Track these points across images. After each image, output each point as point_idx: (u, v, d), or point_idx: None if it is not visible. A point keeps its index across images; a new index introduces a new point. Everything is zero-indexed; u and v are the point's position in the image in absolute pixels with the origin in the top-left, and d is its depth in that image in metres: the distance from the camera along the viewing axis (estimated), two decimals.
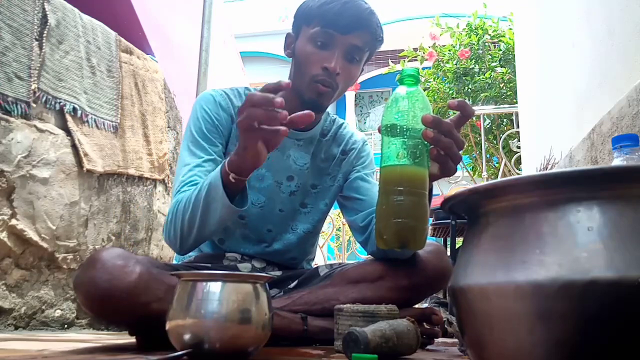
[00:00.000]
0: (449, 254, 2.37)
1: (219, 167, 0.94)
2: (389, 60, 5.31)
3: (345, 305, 0.90)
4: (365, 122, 12.41)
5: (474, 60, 4.51)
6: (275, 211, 1.20)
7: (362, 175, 1.26)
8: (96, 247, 2.11)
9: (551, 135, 2.22)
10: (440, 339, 1.26)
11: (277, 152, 1.17)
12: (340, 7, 1.04)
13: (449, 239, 2.63)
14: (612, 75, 1.49)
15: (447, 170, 0.79)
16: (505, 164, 3.44)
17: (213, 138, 1.12)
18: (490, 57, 4.51)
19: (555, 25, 2.18)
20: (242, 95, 1.20)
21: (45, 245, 1.85)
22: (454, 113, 0.81)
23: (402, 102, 0.75)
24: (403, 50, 4.90)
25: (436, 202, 2.59)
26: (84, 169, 2.04)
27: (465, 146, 0.82)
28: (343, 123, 1.30)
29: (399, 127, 0.74)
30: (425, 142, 0.75)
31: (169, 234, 1.05)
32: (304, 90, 1.08)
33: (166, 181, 2.70)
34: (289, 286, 1.18)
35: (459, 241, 2.42)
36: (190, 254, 1.24)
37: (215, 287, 0.68)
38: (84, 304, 0.92)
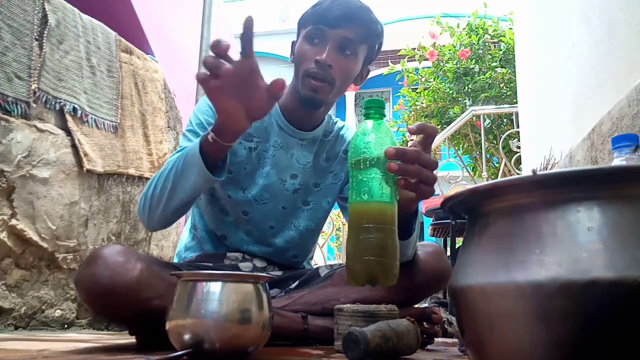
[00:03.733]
0: (448, 254, 2.38)
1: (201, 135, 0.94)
2: (389, 61, 5.31)
3: (345, 305, 0.90)
4: None
5: (474, 60, 4.52)
6: (278, 208, 1.21)
7: None
8: (96, 247, 2.11)
9: (551, 135, 2.22)
10: (440, 339, 1.26)
11: (282, 151, 1.19)
12: (329, 4, 1.07)
13: (449, 239, 2.64)
14: (612, 75, 1.49)
15: (422, 194, 0.77)
16: (505, 164, 3.44)
17: None
18: (490, 57, 4.51)
19: (555, 25, 2.18)
20: None
21: (45, 245, 1.85)
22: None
23: (367, 137, 0.73)
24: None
25: (436, 202, 2.60)
26: (84, 169, 2.04)
27: (437, 163, 0.79)
28: (345, 125, 1.32)
29: (362, 162, 0.71)
30: (392, 175, 0.72)
31: (140, 205, 1.04)
32: (299, 87, 1.10)
33: None
34: (290, 287, 1.19)
35: (459, 241, 2.42)
36: (192, 253, 1.25)
37: (215, 287, 0.68)
38: (85, 301, 0.92)
